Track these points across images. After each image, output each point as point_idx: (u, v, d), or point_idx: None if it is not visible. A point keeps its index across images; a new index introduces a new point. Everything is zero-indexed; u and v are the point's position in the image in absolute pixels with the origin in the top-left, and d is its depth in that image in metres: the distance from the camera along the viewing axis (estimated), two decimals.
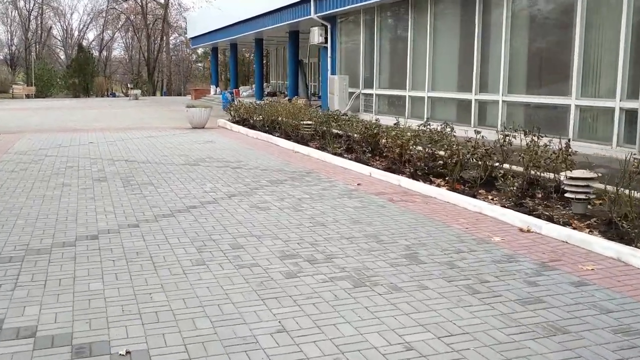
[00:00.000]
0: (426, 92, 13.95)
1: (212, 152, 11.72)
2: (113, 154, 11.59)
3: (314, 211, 6.52)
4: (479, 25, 12.13)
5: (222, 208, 6.70)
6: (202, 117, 17.44)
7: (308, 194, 7.48)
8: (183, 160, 10.66)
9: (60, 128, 17.64)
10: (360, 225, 5.90)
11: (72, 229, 5.76)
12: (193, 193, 7.59)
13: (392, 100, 16.02)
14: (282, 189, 7.87)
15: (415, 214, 6.40)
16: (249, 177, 8.79)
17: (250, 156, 11.19)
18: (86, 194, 7.52)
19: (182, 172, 9.25)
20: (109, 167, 9.88)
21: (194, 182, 8.42)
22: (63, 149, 12.40)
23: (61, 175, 9.00)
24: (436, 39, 13.70)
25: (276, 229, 5.73)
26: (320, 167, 9.88)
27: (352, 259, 4.78)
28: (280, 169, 9.60)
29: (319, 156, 10.92)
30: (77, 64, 53.97)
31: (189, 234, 5.59)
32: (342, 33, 18.72)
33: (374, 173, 8.83)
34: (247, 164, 10.15)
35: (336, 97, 17.20)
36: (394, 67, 15.91)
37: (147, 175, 9.05)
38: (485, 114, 12.20)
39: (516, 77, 11.39)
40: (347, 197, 7.28)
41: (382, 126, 10.64)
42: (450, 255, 4.89)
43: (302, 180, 8.56)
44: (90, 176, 8.95)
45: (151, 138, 14.54)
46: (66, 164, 10.18)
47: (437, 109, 13.86)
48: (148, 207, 6.79)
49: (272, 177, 8.85)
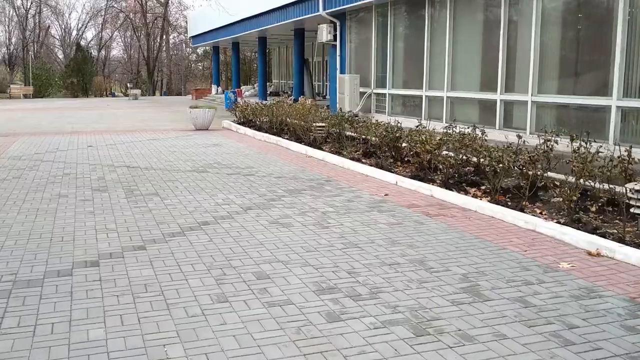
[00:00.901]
0: (445, 91, 13.17)
1: (219, 157, 10.94)
2: (114, 158, 10.81)
3: (343, 228, 5.75)
4: (505, 19, 11.34)
5: (239, 224, 5.93)
6: (206, 118, 16.67)
7: (332, 207, 6.70)
8: (189, 166, 9.88)
9: (57, 130, 16.86)
10: (400, 246, 5.12)
11: (68, 253, 4.98)
12: (204, 206, 6.81)
13: (407, 101, 15.24)
14: (302, 200, 7.10)
15: (459, 232, 5.63)
16: (264, 186, 8.01)
17: (260, 161, 10.42)
18: (85, 207, 6.74)
19: (189, 180, 8.47)
20: (109, 174, 9.10)
21: (203, 192, 7.64)
22: (60, 153, 11.62)
23: (57, 184, 8.23)
24: (456, 35, 12.92)
25: (304, 252, 4.96)
26: (339, 173, 9.11)
27: (402, 293, 4.00)
28: (295, 176, 8.83)
29: (335, 161, 10.15)
30: (76, 64, 53.17)
31: (205, 258, 4.81)
32: (352, 30, 17.93)
33: (400, 181, 8.05)
34: (258, 171, 9.38)
35: (346, 97, 16.42)
36: (409, 66, 15.12)
37: (151, 183, 8.27)
38: (512, 115, 11.42)
39: (547, 76, 10.60)
40: (377, 211, 6.51)
41: (403, 129, 9.87)
42: (518, 288, 4.11)
43: (321, 189, 7.79)
44: (90, 185, 8.17)
45: (154, 141, 13.76)
46: (63, 171, 9.40)
47: (457, 109, 13.08)
48: (155, 223, 6.01)
49: (288, 185, 8.07)
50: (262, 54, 29.53)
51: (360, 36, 17.63)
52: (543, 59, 10.58)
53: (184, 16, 61.40)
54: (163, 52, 62.87)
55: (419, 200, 7.09)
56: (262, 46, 29.04)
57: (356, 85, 16.45)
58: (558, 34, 10.65)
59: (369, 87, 16.76)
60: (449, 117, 13.10)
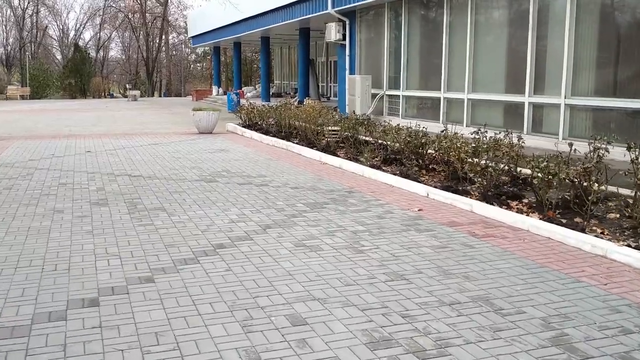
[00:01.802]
0: (466, 93, 12.40)
1: (227, 164, 10.16)
2: (114, 166, 10.02)
3: (380, 253, 4.97)
4: (535, 14, 10.56)
5: (260, 248, 5.15)
6: (210, 121, 15.89)
7: (362, 225, 5.93)
8: (196, 174, 9.10)
9: (54, 133, 16.07)
10: (455, 278, 4.35)
11: (62, 287, 4.20)
12: (217, 224, 6.03)
13: (422, 103, 14.47)
14: (327, 216, 6.32)
15: (518, 258, 4.85)
16: (281, 199, 7.23)
17: (272, 169, 9.64)
18: (82, 226, 5.96)
19: (198, 192, 7.69)
20: (109, 184, 8.32)
21: (215, 206, 6.86)
22: (56, 159, 10.83)
23: (52, 197, 7.44)
24: (479, 32, 12.14)
25: (343, 287, 4.18)
26: (360, 183, 8.34)
27: (476, 348, 3.22)
28: (314, 187, 8.05)
29: (353, 169, 9.38)
30: (74, 64, 52.34)
31: (225, 295, 4.03)
32: (362, 29, 17.16)
33: (431, 193, 7.28)
34: (272, 180, 8.60)
35: (357, 98, 15.65)
36: (426, 66, 14.36)
37: (156, 196, 7.49)
38: (541, 119, 10.66)
39: (582, 77, 9.83)
40: (414, 230, 5.73)
41: (429, 134, 9.10)
42: (616, 338, 3.34)
43: (345, 203, 7.01)
44: (88, 198, 7.39)
45: (156, 146, 12.98)
46: (59, 180, 8.62)
47: (479, 112, 12.31)
48: (163, 246, 5.23)
49: (307, 198, 7.29)
50: (265, 54, 28.76)
51: (371, 35, 16.86)
52: (578, 58, 9.81)
53: (183, 16, 60.67)
54: (162, 52, 62.08)
55: (458, 216, 6.31)
56: (265, 46, 28.26)
57: (368, 86, 15.67)
58: (595, 29, 9.86)
59: (381, 89, 16.00)
60: (470, 121, 12.34)
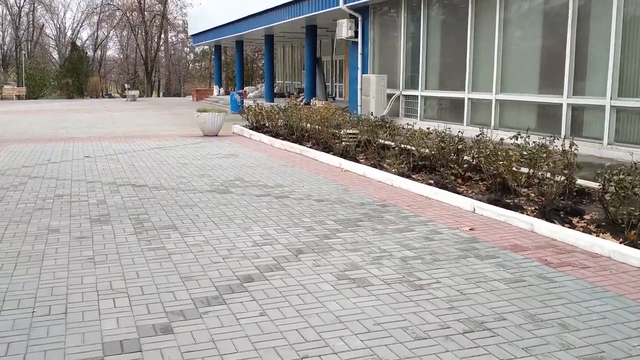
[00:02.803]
0: (493, 94, 11.52)
1: (240, 171, 9.29)
2: (115, 173, 9.15)
3: (445, 290, 4.10)
4: (574, 7, 9.70)
5: (295, 281, 4.28)
6: (215, 123, 15.02)
7: (410, 249, 5.06)
8: (207, 184, 8.23)
9: (50, 136, 15.18)
10: (550, 327, 3.48)
11: (58, 342, 3.32)
12: (239, 247, 5.16)
13: (443, 104, 13.60)
14: (364, 237, 5.45)
15: (615, 297, 3.98)
16: (307, 215, 6.36)
17: (290, 177, 8.77)
18: (82, 251, 5.08)
19: (211, 206, 6.81)
20: (111, 196, 7.44)
21: (233, 223, 5.99)
22: (52, 166, 9.95)
23: (47, 212, 6.56)
24: (508, 28, 11.27)
25: (412, 342, 3.31)
26: (391, 194, 7.48)
27: None
28: (341, 199, 7.18)
29: (379, 177, 8.51)
30: (71, 63, 51.38)
31: (266, 354, 3.16)
32: (376, 25, 16.28)
33: (479, 208, 6.41)
34: (292, 191, 7.73)
35: (372, 99, 14.78)
36: (447, 65, 13.49)
37: (165, 210, 6.61)
38: (582, 122, 9.79)
39: (631, 76, 8.96)
40: (474, 256, 4.86)
41: (465, 139, 8.24)
42: None
43: (382, 219, 6.14)
44: (88, 213, 6.51)
45: (159, 150, 12.10)
46: (55, 191, 7.74)
47: (508, 114, 11.44)
48: (178, 278, 4.36)
49: (337, 213, 6.42)
50: (269, 52, 27.87)
51: (386, 32, 15.98)
52: (626, 54, 8.94)
53: (182, 14, 59.80)
54: (161, 52, 61.16)
55: (519, 237, 5.44)
56: (269, 44, 27.38)
57: (383, 86, 14.81)
58: None
59: (397, 89, 15.13)
60: (498, 123, 11.48)
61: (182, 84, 64.60)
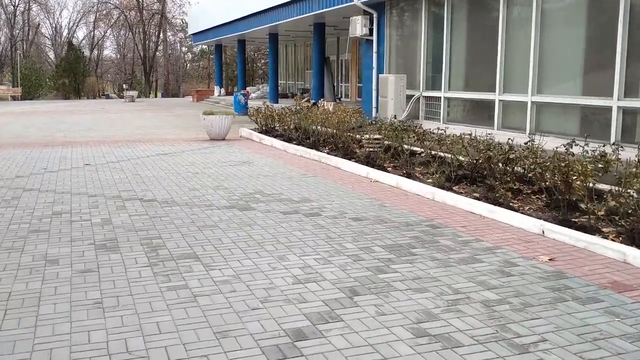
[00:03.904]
0: (530, 95, 10.60)
1: (257, 182, 8.37)
2: (119, 185, 8.21)
3: (561, 354, 3.18)
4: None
5: (360, 339, 3.36)
6: (222, 126, 14.10)
7: (488, 288, 4.14)
8: (224, 197, 7.31)
9: (46, 140, 14.23)
10: None
11: None
12: (279, 285, 4.23)
13: (470, 106, 12.69)
14: (427, 271, 4.53)
15: None
16: (347, 238, 5.44)
17: (315, 189, 7.85)
18: (87, 291, 4.15)
19: (234, 226, 5.88)
20: (117, 213, 6.50)
21: (264, 250, 5.06)
22: (49, 176, 9.01)
23: (44, 235, 5.62)
24: (547, 23, 10.34)
25: None
26: (437, 211, 6.57)
27: None
28: (380, 217, 6.26)
29: (417, 190, 7.60)
30: (67, 63, 50.33)
31: None
32: (392, 22, 15.35)
33: (548, 230, 5.49)
34: (322, 206, 6.81)
35: (390, 101, 13.86)
36: (475, 64, 12.58)
37: (181, 233, 5.68)
38: (635, 126, 8.88)
39: None
40: (572, 299, 3.94)
41: (515, 147, 7.32)
42: None
43: (438, 245, 5.23)
44: (91, 236, 5.57)
45: (165, 156, 11.16)
46: (52, 208, 6.80)
47: (546, 118, 10.53)
48: (212, 335, 3.43)
49: (382, 236, 5.51)
50: (273, 52, 26.91)
51: (404, 29, 15.06)
52: None
53: (180, 13, 58.81)
54: (159, 51, 60.15)
55: (613, 271, 4.52)
56: (273, 43, 26.43)
57: (402, 87, 13.89)
58: None
59: (416, 90, 14.21)
60: (535, 127, 10.57)
61: (180, 84, 63.60)
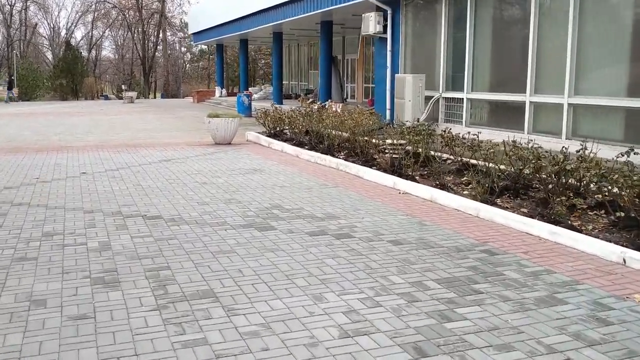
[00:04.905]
0: (566, 97, 9.73)
1: (273, 194, 7.49)
2: (119, 198, 7.33)
3: None
4: None
5: None
6: (228, 129, 13.25)
7: (588, 343, 3.27)
8: (238, 213, 6.43)
9: (41, 144, 13.34)
10: None
11: None
12: (322, 339, 3.36)
13: (496, 108, 11.82)
14: (503, 317, 3.66)
15: None
16: (392, 269, 4.57)
17: (339, 203, 6.97)
18: (80, 350, 3.26)
19: (255, 252, 5.00)
20: (117, 234, 5.62)
21: (295, 286, 4.19)
22: (41, 187, 8.12)
23: (30, 265, 4.74)
24: (586, 18, 9.47)
25: None
26: (487, 232, 5.70)
27: None
28: (423, 240, 5.39)
29: (456, 204, 6.73)
30: (65, 64, 49.35)
31: None
32: (408, 18, 14.47)
33: (630, 259, 4.61)
34: (352, 225, 5.93)
35: (408, 102, 12.99)
36: (502, 62, 11.71)
37: (192, 261, 4.80)
38: None
39: None
40: None
41: (569, 157, 6.44)
42: None
43: (504, 279, 4.35)
44: (87, 266, 4.69)
45: (168, 163, 10.28)
46: (43, 228, 5.91)
47: (585, 121, 9.66)
48: None
49: (433, 266, 4.63)
50: (278, 51, 26.04)
51: (422, 25, 14.18)
52: None
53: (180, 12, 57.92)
54: (158, 51, 59.24)
55: None
56: (277, 43, 25.56)
57: (421, 87, 13.01)
58: None
59: (435, 90, 13.34)
60: (571, 132, 9.70)
61: (180, 84, 62.70)
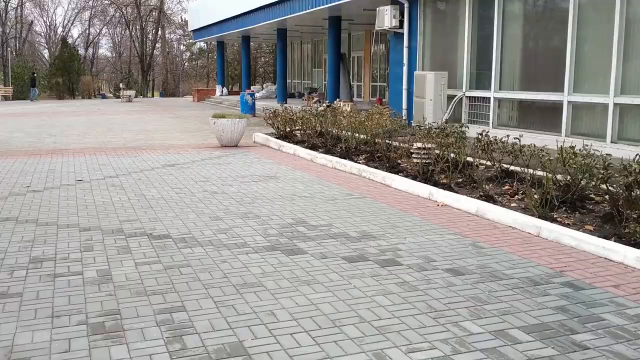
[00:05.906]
0: (612, 96, 8.85)
1: (294, 206, 6.60)
2: (120, 211, 6.43)
3: None
4: None
5: None
6: (235, 131, 12.35)
7: None
8: (259, 232, 5.53)
9: (34, 147, 12.42)
10: None
11: None
12: None
13: (527, 108, 10.94)
14: None
15: None
16: (462, 311, 3.69)
17: (374, 218, 6.09)
18: None
19: (286, 286, 4.11)
20: (119, 261, 4.72)
21: (344, 335, 3.30)
22: (32, 198, 7.22)
23: (13, 304, 3.84)
24: (634, 10, 8.61)
25: None
26: (559, 257, 4.82)
27: None
28: (485, 267, 4.50)
29: (509, 221, 5.85)
30: (61, 62, 48.24)
31: None
32: (427, 12, 13.58)
33: None
34: (395, 248, 5.04)
35: (429, 102, 12.11)
36: (534, 58, 10.83)
37: (212, 297, 3.91)
38: None
39: None
40: None
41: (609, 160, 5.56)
42: None
43: (604, 324, 3.49)
44: (83, 307, 3.79)
45: (173, 168, 9.39)
46: (31, 251, 5.01)
47: (632, 123, 8.78)
48: None
49: (512, 307, 3.75)
50: (282, 49, 25.13)
51: (442, 19, 13.30)
52: None
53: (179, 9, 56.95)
54: (157, 49, 58.25)
55: None
56: (281, 40, 24.66)
57: (443, 85, 12.13)
58: None
59: (457, 89, 12.46)
60: (617, 135, 8.83)
61: (179, 83, 61.73)
